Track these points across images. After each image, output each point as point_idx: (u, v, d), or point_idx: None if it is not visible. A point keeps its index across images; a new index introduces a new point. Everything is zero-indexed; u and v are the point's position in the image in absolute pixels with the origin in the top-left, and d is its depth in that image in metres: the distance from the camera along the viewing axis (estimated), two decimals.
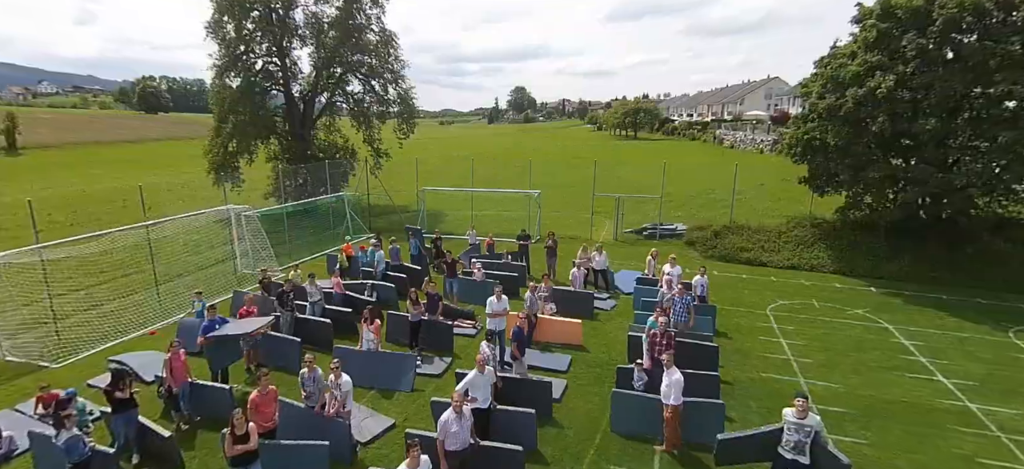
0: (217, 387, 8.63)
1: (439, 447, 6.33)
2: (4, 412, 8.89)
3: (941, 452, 7.73)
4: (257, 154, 25.83)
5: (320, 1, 25.65)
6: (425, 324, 10.77)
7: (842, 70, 15.44)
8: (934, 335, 11.89)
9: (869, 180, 15.31)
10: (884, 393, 9.35)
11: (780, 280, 15.76)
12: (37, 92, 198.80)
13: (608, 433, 8.11)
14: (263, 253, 16.89)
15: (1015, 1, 13.25)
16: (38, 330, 12.25)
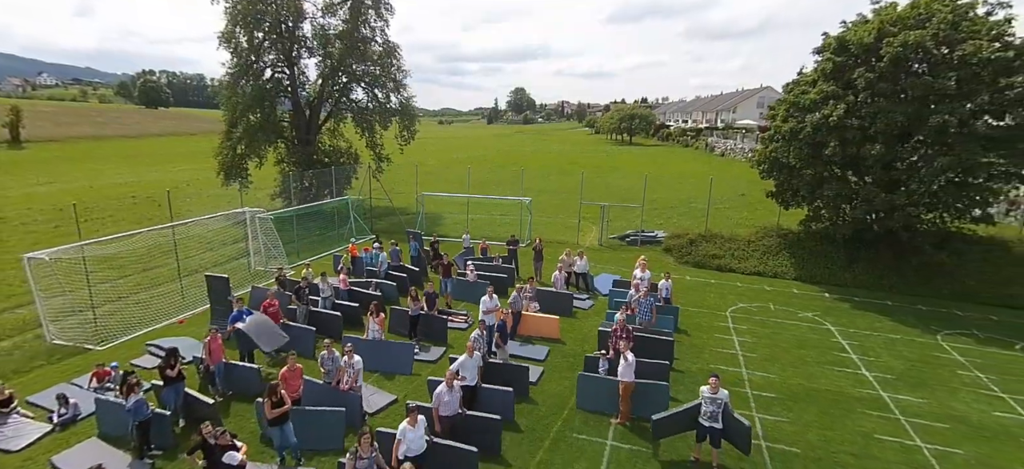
0: (247, 366, 10.26)
1: (434, 412, 7.98)
2: (62, 385, 10.46)
3: (846, 429, 9.42)
4: (267, 157, 27.34)
5: (328, 14, 27.26)
6: (423, 318, 12.42)
7: (803, 96, 17.16)
8: (869, 336, 13.60)
9: (825, 196, 17.04)
10: (812, 383, 11.04)
11: (744, 285, 17.46)
12: (37, 84, 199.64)
13: (574, 409, 9.78)
14: (274, 252, 18.49)
15: (953, 41, 14.99)
16: (77, 317, 13.82)
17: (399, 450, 7.11)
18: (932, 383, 11.26)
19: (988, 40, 14.46)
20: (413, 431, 7.20)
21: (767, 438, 9.05)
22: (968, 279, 17.16)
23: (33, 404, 9.81)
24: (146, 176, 52.50)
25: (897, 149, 15.78)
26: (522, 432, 9.05)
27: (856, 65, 15.99)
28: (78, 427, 9.21)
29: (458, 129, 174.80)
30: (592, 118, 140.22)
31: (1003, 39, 14.67)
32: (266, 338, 10.92)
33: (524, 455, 8.45)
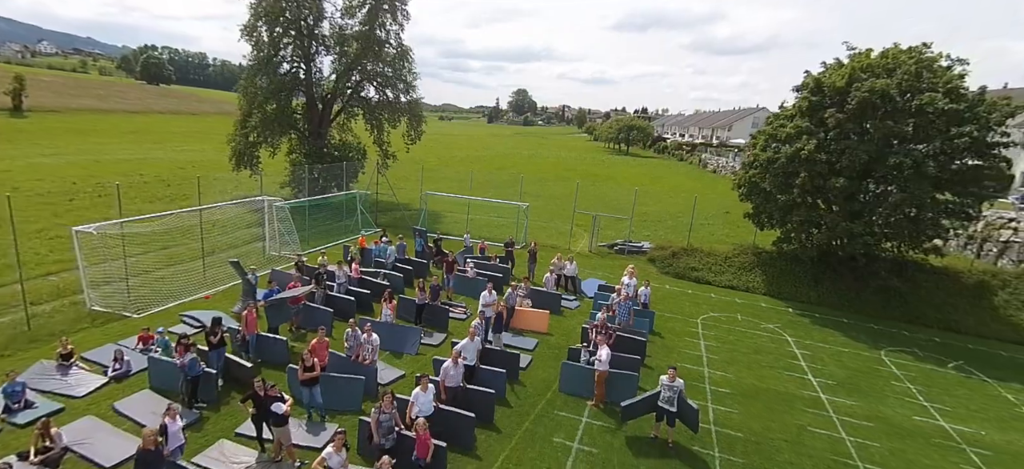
0: (277, 338, 11.80)
1: (441, 383, 9.59)
2: (109, 346, 11.93)
3: (785, 422, 11.13)
4: (280, 147, 28.74)
5: (346, 15, 28.72)
6: (427, 307, 14.01)
7: (780, 129, 18.94)
8: (821, 348, 15.38)
9: (794, 221, 18.82)
10: (762, 383, 12.76)
11: (718, 297, 19.21)
12: (37, 51, 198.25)
13: (557, 391, 11.42)
14: (288, 238, 19.99)
15: (913, 91, 16.80)
16: (112, 287, 15.26)
17: (412, 410, 8.70)
18: (867, 390, 13.03)
19: (943, 94, 16.26)
20: (424, 395, 8.81)
21: (717, 424, 10.74)
22: (920, 304, 19.02)
23: (87, 359, 11.28)
24: (151, 154, 53.50)
25: (859, 183, 17.57)
26: (511, 407, 10.68)
27: (828, 105, 17.77)
28: (129, 380, 10.71)
29: (458, 126, 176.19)
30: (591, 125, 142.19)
31: (957, 93, 16.48)
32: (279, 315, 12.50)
33: (512, 425, 10.08)
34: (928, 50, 17.73)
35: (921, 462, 10.28)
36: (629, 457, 9.48)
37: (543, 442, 9.68)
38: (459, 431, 9.07)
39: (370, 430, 8.23)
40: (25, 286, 14.42)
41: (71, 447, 8.45)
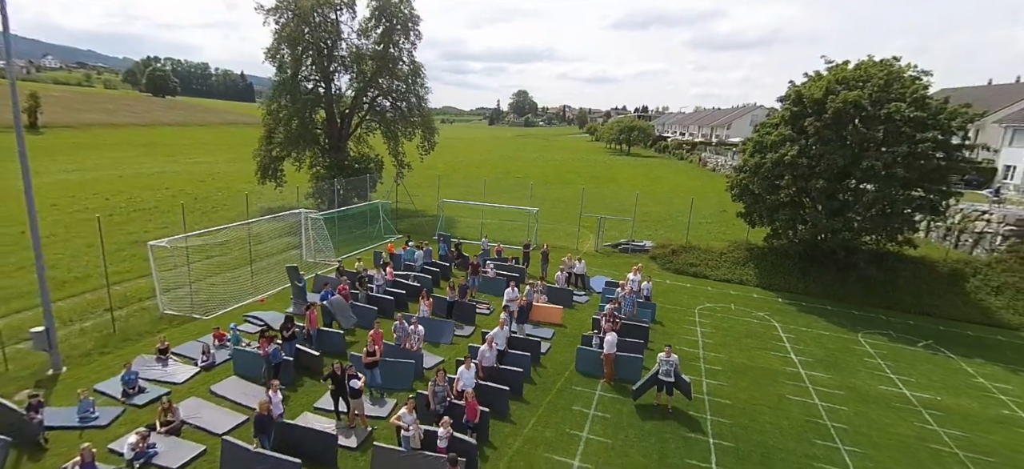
0: (334, 332, 13.94)
1: (479, 364, 11.70)
2: (192, 342, 14.06)
3: (768, 392, 13.20)
4: (306, 161, 30.95)
5: (362, 36, 30.89)
6: (457, 304, 16.13)
7: (766, 137, 21.01)
8: (804, 332, 17.43)
9: (780, 219, 20.87)
10: (750, 362, 14.84)
11: (714, 289, 21.28)
12: (41, 66, 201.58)
13: (573, 371, 13.52)
14: (322, 246, 22.14)
15: (882, 101, 18.84)
16: (178, 293, 17.42)
17: (458, 383, 10.81)
18: (841, 366, 15.09)
19: (909, 103, 18.30)
20: (467, 372, 10.92)
21: (710, 394, 12.83)
22: (898, 292, 21.05)
23: (177, 353, 13.43)
24: (168, 167, 55.72)
25: (838, 184, 19.61)
26: (536, 384, 12.79)
27: (808, 114, 19.81)
28: (217, 369, 12.85)
29: (459, 129, 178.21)
30: (593, 125, 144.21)
31: (922, 102, 18.52)
32: (342, 316, 14.63)
33: (538, 397, 12.19)
34: (897, 63, 19.79)
35: (881, 421, 12.33)
36: (636, 420, 11.57)
37: (564, 410, 11.79)
38: (496, 402, 11.16)
39: (428, 399, 10.35)
40: (96, 295, 16.65)
41: (186, 420, 10.59)
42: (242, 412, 11.04)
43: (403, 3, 30.28)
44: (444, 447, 9.04)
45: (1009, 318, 19.53)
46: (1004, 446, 11.71)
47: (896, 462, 10.83)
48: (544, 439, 10.72)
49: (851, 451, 11.08)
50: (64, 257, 21.75)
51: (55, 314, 14.82)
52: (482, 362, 11.74)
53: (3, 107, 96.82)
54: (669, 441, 10.92)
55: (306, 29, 29.31)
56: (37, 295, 13.39)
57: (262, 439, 9.24)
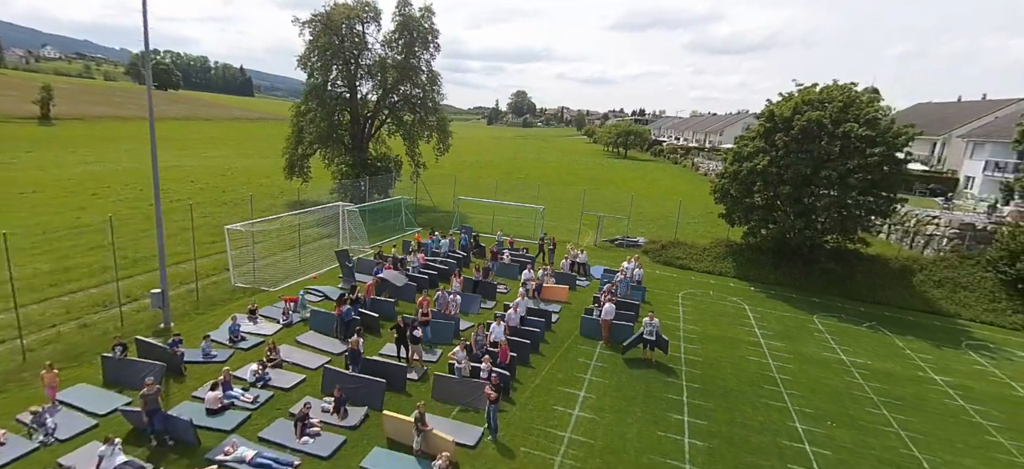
0: (386, 301, 17.39)
1: (506, 324, 15.19)
2: (268, 307, 17.41)
3: (732, 354, 16.77)
4: (334, 158, 34.29)
5: (386, 47, 34.27)
6: (481, 283, 19.61)
7: (744, 148, 24.62)
8: (768, 313, 21.04)
9: (754, 220, 24.49)
10: (720, 333, 18.40)
11: (697, 279, 24.87)
12: (40, 56, 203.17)
13: (578, 335, 17.03)
14: (357, 234, 25.53)
15: (840, 120, 22.47)
16: (243, 269, 20.76)
17: (491, 336, 14.28)
18: (794, 337, 18.70)
19: (862, 123, 21.95)
20: (498, 328, 14.40)
21: (686, 354, 16.38)
22: (854, 283, 24.70)
23: (263, 315, 16.79)
24: (184, 161, 58.58)
25: (803, 190, 23.25)
26: (549, 343, 16.29)
27: (779, 130, 23.43)
28: (295, 327, 16.26)
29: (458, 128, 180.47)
30: (591, 127, 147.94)
31: (873, 122, 22.17)
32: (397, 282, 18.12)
33: (551, 351, 15.69)
34: (855, 87, 23.46)
35: (818, 376, 15.92)
36: (627, 368, 15.10)
37: (572, 360, 15.30)
38: (521, 352, 14.64)
39: (470, 346, 13.82)
40: (173, 271, 19.95)
41: (284, 359, 14.00)
42: (324, 355, 14.47)
43: (424, 18, 33.68)
44: (485, 377, 12.47)
45: (946, 307, 23.22)
46: (912, 395, 15.33)
47: (825, 402, 14.41)
48: (557, 378, 14.23)
49: (791, 395, 14.66)
50: (127, 239, 24.96)
51: (144, 284, 18.23)
52: (509, 322, 15.23)
53: (5, 99, 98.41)
54: (652, 382, 14.46)
55: (336, 39, 32.67)
56: (100, 274, 16.70)
57: (353, 366, 12.67)
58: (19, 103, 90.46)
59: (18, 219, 27.48)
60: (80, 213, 29.94)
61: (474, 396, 12.18)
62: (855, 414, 13.89)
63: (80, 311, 16.87)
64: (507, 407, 12.52)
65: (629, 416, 12.76)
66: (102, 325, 15.94)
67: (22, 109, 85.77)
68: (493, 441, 11.21)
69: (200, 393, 11.98)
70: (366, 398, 11.87)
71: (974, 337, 20.63)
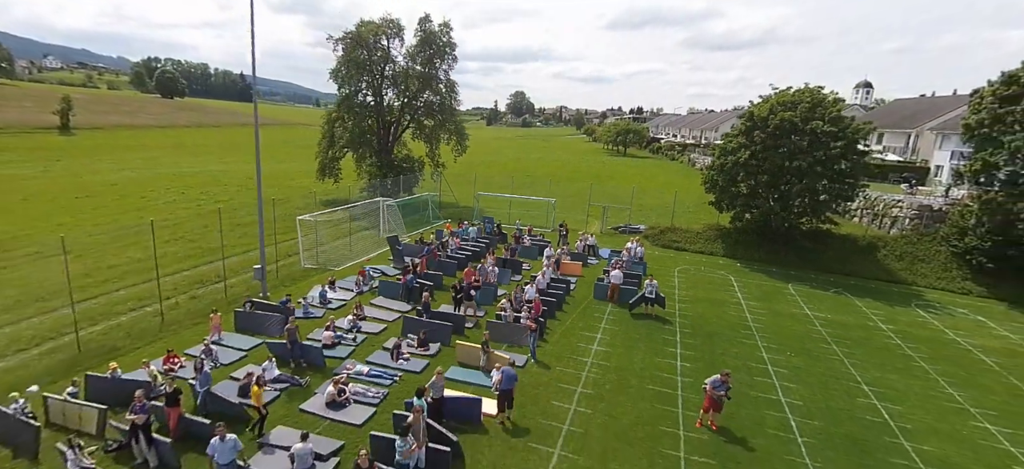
0: (435, 272, 21.61)
1: (536, 286, 19.41)
2: (344, 280, 21.53)
3: (716, 310, 20.99)
4: (364, 161, 38.51)
5: (408, 58, 38.50)
6: (508, 260, 23.83)
7: (729, 144, 28.86)
8: (750, 282, 25.26)
9: (738, 206, 28.73)
10: (708, 297, 22.62)
11: (690, 257, 29.10)
12: (43, 66, 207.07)
13: (592, 299, 21.26)
14: (394, 225, 29.70)
15: (808, 119, 26.71)
16: (310, 252, 24.92)
17: (525, 295, 18.48)
18: (769, 299, 22.93)
19: (827, 121, 26.19)
20: (531, 288, 18.62)
21: (679, 311, 20.59)
22: (826, 259, 28.92)
23: (340, 286, 20.94)
24: (206, 167, 62.32)
25: (778, 179, 27.49)
26: (568, 304, 20.51)
27: (757, 128, 27.67)
28: (365, 294, 20.44)
29: None
30: (591, 126, 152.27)
31: (836, 119, 26.41)
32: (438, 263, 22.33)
33: (571, 310, 19.91)
34: (822, 90, 27.73)
35: (785, 325, 20.12)
36: (632, 321, 19.30)
37: (589, 316, 19.52)
38: (549, 308, 18.83)
39: (511, 302, 18.01)
40: (243, 257, 24.07)
41: (368, 315, 18.17)
42: (394, 313, 18.65)
43: (443, 32, 37.91)
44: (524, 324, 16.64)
45: (905, 276, 27.45)
46: (859, 337, 19.53)
47: (787, 340, 18.59)
48: (578, 327, 18.44)
49: (761, 336, 18.86)
50: (194, 234, 29.04)
51: (228, 267, 22.34)
52: (538, 285, 19.45)
53: (23, 109, 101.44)
54: (652, 328, 18.69)
55: (364, 53, 36.89)
56: (185, 260, 20.79)
57: (426, 315, 16.86)
58: (36, 113, 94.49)
59: (90, 219, 31.65)
60: (140, 214, 34.05)
61: (519, 336, 16.36)
62: (810, 348, 18.13)
63: (187, 287, 21.05)
64: (541, 345, 16.70)
65: (635, 350, 16.98)
66: (208, 297, 20.11)
67: (40, 119, 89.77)
68: (534, 361, 15.41)
69: (314, 336, 16.15)
70: (439, 336, 16.07)
71: (924, 299, 24.88)
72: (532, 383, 14.29)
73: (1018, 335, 20.88)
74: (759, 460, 11.79)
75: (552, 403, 13.51)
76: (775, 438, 12.68)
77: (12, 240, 26.01)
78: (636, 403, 13.75)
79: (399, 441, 9.58)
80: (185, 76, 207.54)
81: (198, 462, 10.52)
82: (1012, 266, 25.50)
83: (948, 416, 14.38)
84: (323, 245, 27.19)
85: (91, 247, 25.43)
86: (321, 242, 27.25)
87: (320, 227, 28.45)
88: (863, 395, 15.13)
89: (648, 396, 14.16)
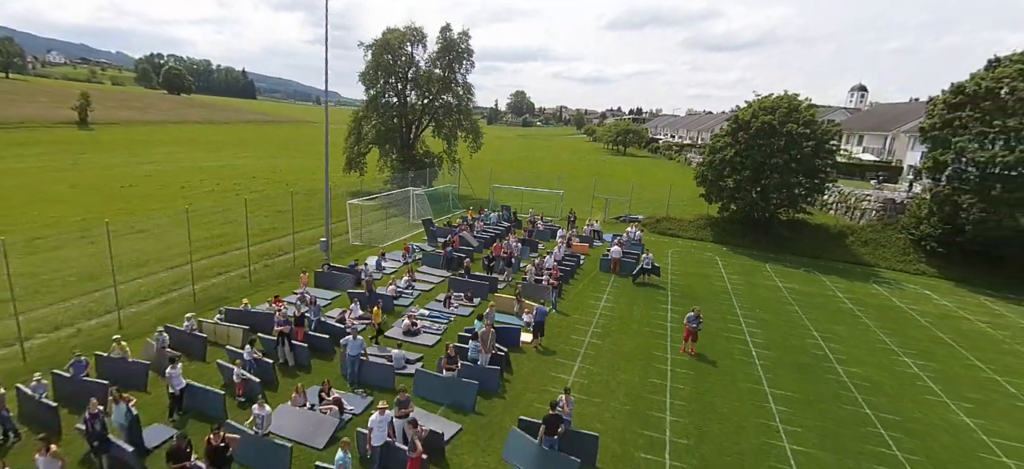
0: (465, 248, 26.02)
1: (554, 257, 23.83)
2: (392, 253, 25.88)
3: (703, 283, 25.45)
4: (389, 156, 42.89)
5: (431, 64, 42.88)
6: (527, 241, 28.28)
7: (717, 143, 33.38)
8: (732, 262, 29.76)
9: (724, 198, 33.25)
10: (696, 271, 27.10)
11: (683, 243, 33.59)
12: (46, 62, 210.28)
13: (598, 270, 25.72)
14: (424, 211, 34.07)
15: (784, 122, 31.21)
16: (356, 231, 29.25)
17: (545, 263, 22.89)
18: (748, 274, 27.43)
19: (800, 124, 30.72)
20: (550, 258, 23.06)
21: (672, 284, 25.04)
22: (802, 245, 33.45)
23: (390, 258, 25.30)
24: (230, 161, 66.01)
25: (759, 174, 32.00)
26: (578, 275, 24.95)
27: (741, 130, 32.17)
28: (412, 263, 24.80)
29: None
30: (591, 127, 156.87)
31: (809, 122, 30.93)
32: (471, 239, 26.75)
33: (581, 279, 24.35)
34: (798, 97, 32.27)
35: (759, 293, 24.59)
36: (632, 288, 23.74)
37: (596, 283, 23.96)
38: (564, 277, 23.24)
39: (534, 268, 22.43)
40: (301, 236, 28.38)
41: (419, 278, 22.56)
42: (437, 276, 23.02)
43: (462, 39, 42.32)
44: (545, 285, 21.03)
45: (868, 259, 31.98)
46: (819, 303, 24.01)
47: (758, 304, 23.04)
48: (588, 292, 22.87)
49: (738, 300, 23.31)
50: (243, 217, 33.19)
51: (285, 245, 26.60)
52: (555, 257, 23.89)
53: (39, 105, 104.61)
54: (648, 293, 23.14)
55: (390, 58, 41.27)
56: (230, 243, 25.08)
57: (468, 276, 21.26)
58: (53, 109, 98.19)
59: (144, 205, 35.76)
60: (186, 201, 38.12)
61: (542, 293, 20.75)
62: (776, 308, 22.62)
63: (257, 258, 25.35)
64: (560, 301, 21.09)
65: (634, 306, 21.41)
66: (279, 265, 24.42)
67: (59, 114, 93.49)
68: (555, 310, 19.83)
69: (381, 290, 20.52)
70: (481, 292, 20.49)
71: (882, 277, 29.40)
72: (554, 325, 18.70)
73: (955, 305, 25.42)
74: (725, 373, 16.24)
75: (571, 337, 17.93)
76: (739, 361, 17.14)
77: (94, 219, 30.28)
78: (635, 338, 18.20)
79: (472, 343, 13.96)
80: (189, 73, 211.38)
81: (320, 365, 14.89)
82: (959, 251, 30.10)
83: (876, 352, 18.86)
84: (365, 226, 31.55)
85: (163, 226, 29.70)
86: (361, 225, 31.61)
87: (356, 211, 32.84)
88: (812, 338, 19.62)
89: (644, 334, 18.62)
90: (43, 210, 32.42)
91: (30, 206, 33.34)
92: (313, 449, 11.19)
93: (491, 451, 11.53)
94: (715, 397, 14.68)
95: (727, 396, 14.81)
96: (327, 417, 11.67)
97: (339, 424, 11.71)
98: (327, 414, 11.74)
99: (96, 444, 9.79)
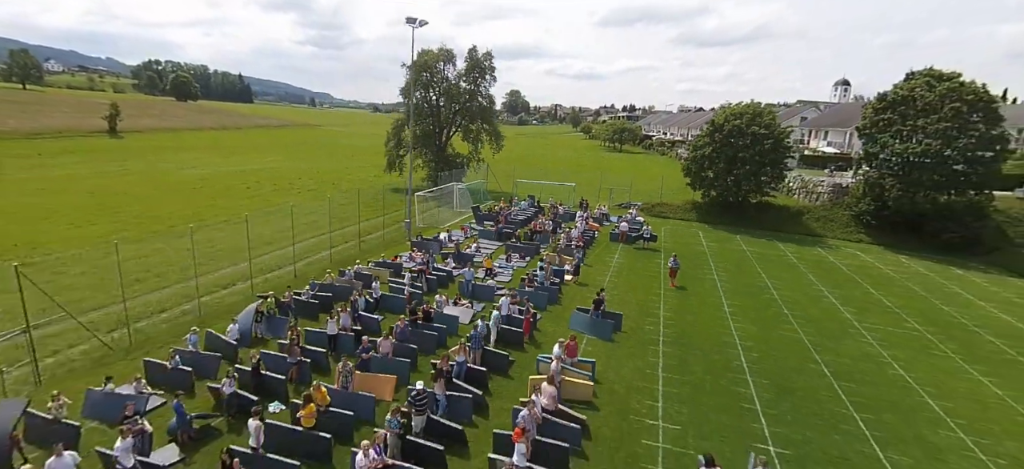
0: (512, 225, 35.01)
1: (576, 233, 32.84)
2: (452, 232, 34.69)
3: (687, 246, 34.60)
4: (425, 157, 51.65)
5: (459, 79, 51.70)
6: (554, 221, 37.30)
7: (699, 141, 42.60)
8: (711, 234, 38.96)
9: (705, 185, 42.47)
10: (683, 241, 36.26)
11: (673, 223, 42.75)
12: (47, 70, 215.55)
13: (608, 242, 34.82)
14: (465, 201, 42.93)
15: (750, 124, 40.42)
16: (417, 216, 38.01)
17: (572, 233, 31.89)
18: (722, 243, 36.64)
19: (763, 126, 39.93)
20: (575, 231, 32.10)
21: (664, 250, 34.14)
22: (768, 222, 42.70)
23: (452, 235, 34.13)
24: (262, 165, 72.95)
25: (731, 166, 41.19)
26: (593, 246, 33.98)
27: (716, 131, 41.34)
28: (470, 238, 33.65)
29: None
30: (587, 124, 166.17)
31: (769, 124, 40.15)
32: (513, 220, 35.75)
33: (598, 248, 33.39)
34: (761, 104, 41.51)
35: (727, 253, 33.75)
36: (635, 252, 32.82)
37: (608, 250, 33.02)
38: (585, 242, 32.20)
39: (566, 235, 31.42)
40: (366, 225, 37.18)
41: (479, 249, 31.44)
42: (493, 245, 31.90)
43: (486, 58, 51.19)
44: (573, 248, 29.97)
45: (819, 231, 41.29)
46: (774, 261, 33.21)
47: (726, 259, 32.19)
48: (604, 254, 31.92)
49: (711, 257, 32.44)
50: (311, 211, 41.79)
51: (362, 230, 35.32)
52: (578, 230, 32.93)
53: (66, 115, 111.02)
54: (647, 254, 32.25)
55: (426, 75, 50.03)
56: (316, 228, 33.86)
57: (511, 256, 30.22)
58: (80, 118, 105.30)
59: (227, 203, 44.07)
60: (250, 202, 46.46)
61: (572, 252, 29.68)
62: (739, 264, 31.79)
63: (353, 238, 34.03)
64: (584, 259, 30.00)
65: (637, 263, 30.47)
66: (372, 242, 33.16)
67: (89, 123, 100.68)
68: (582, 262, 28.83)
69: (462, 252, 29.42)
70: (531, 252, 29.50)
71: (827, 244, 38.71)
72: (583, 271, 27.71)
73: (874, 261, 34.74)
74: (697, 295, 25.37)
75: (596, 279, 26.95)
76: (708, 291, 26.27)
77: (204, 214, 38.72)
78: (640, 279, 27.31)
79: (539, 266, 22.94)
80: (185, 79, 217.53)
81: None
82: (887, 222, 39.50)
83: (809, 293, 27.91)
84: (422, 214, 40.37)
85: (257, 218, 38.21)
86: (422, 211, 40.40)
87: (416, 202, 41.65)
88: (762, 280, 28.80)
89: (645, 277, 27.73)
90: (148, 207, 40.50)
91: (144, 202, 41.59)
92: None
93: (562, 321, 20.53)
94: (691, 302, 23.85)
95: (699, 304, 23.95)
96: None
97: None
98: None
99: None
